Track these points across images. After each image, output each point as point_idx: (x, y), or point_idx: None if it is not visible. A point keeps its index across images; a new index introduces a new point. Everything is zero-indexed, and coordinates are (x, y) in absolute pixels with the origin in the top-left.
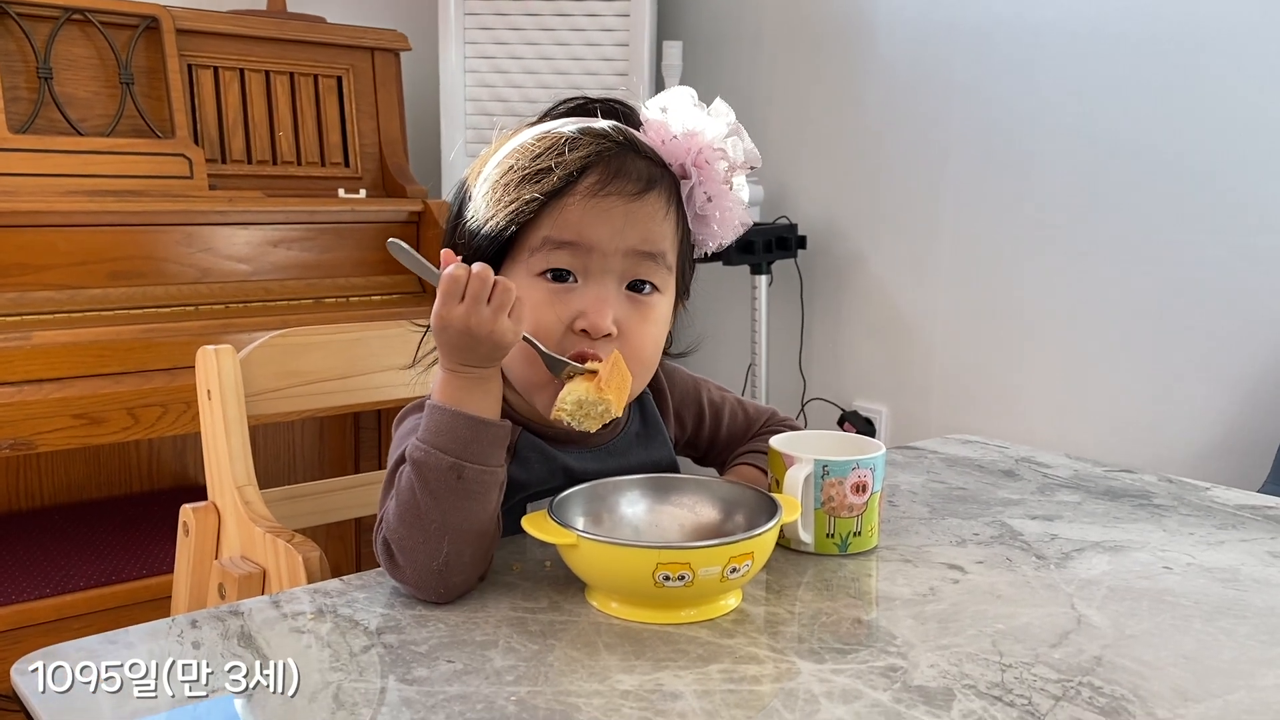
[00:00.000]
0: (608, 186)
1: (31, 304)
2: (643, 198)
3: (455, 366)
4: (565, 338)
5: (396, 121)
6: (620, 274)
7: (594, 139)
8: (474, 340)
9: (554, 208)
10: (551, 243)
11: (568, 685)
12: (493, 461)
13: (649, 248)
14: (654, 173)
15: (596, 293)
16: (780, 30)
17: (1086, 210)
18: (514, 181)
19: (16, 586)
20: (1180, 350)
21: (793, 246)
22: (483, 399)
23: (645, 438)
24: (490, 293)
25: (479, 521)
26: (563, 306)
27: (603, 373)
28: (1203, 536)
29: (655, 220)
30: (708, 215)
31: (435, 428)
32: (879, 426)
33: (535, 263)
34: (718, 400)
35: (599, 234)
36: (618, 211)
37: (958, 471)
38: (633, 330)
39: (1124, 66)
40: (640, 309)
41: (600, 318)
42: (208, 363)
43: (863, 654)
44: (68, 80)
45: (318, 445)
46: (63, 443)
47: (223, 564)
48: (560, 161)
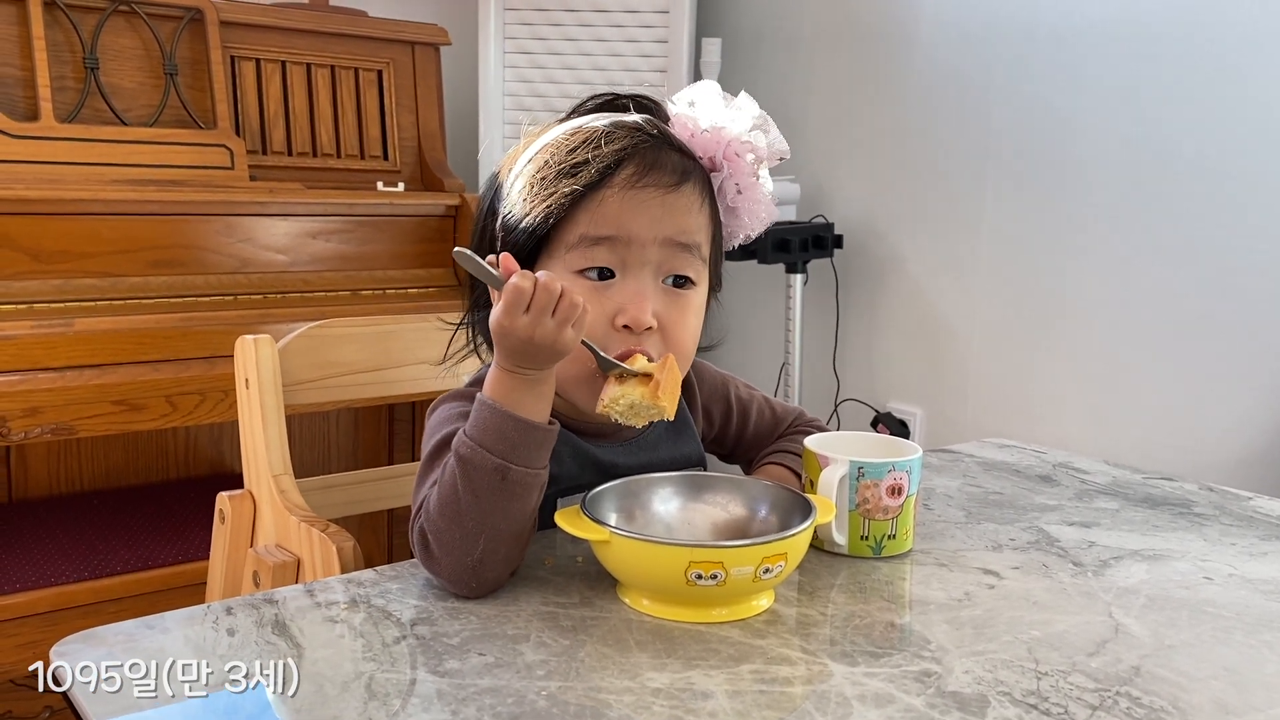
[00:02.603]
0: (644, 179)
1: (74, 291)
2: (678, 189)
3: (511, 367)
4: (608, 335)
5: (435, 115)
6: (657, 266)
7: (629, 132)
8: (535, 348)
9: (591, 202)
10: (589, 239)
11: (598, 681)
12: (538, 464)
13: (685, 239)
14: (687, 165)
15: (635, 287)
16: (820, 28)
17: (1127, 213)
18: (550, 176)
19: (55, 569)
20: (1221, 356)
21: (829, 246)
22: (535, 401)
23: (674, 432)
24: (556, 305)
25: (517, 521)
26: (603, 303)
27: (658, 377)
28: (1245, 547)
29: (691, 212)
30: (738, 207)
31: (484, 425)
32: (913, 429)
33: (573, 259)
34: (745, 398)
35: (637, 226)
36: (654, 203)
37: (994, 476)
38: (672, 323)
39: (1168, 67)
40: (678, 302)
41: (641, 312)
42: (246, 352)
43: (896, 658)
44: (113, 70)
45: (352, 435)
46: (102, 429)
47: (258, 552)
48: (597, 155)
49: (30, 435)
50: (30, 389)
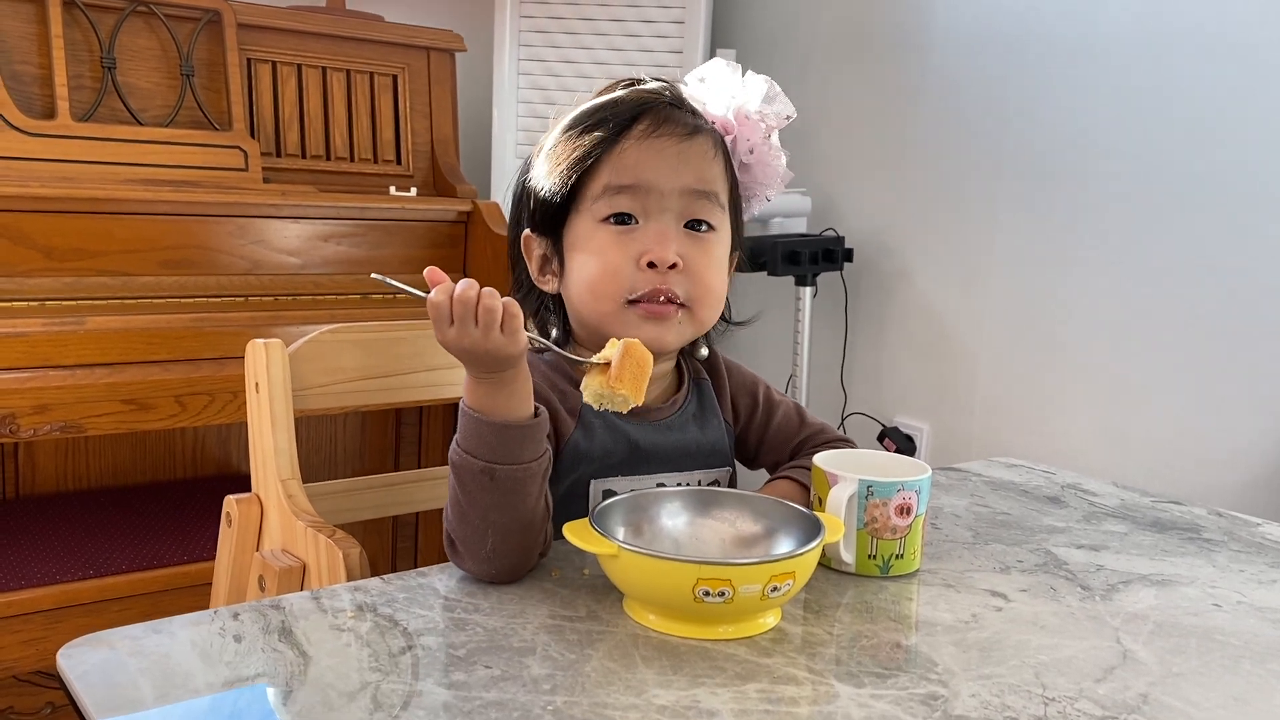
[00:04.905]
0: (660, 129)
1: (87, 289)
2: (693, 139)
3: (476, 374)
4: (635, 276)
5: (449, 121)
6: (679, 213)
7: (644, 93)
8: (474, 356)
9: (611, 154)
10: (612, 188)
11: (604, 697)
12: (525, 458)
13: (703, 186)
14: (700, 121)
15: (657, 229)
16: (834, 41)
17: (1138, 232)
18: (572, 136)
19: (61, 567)
20: (1232, 377)
21: (839, 259)
22: (509, 399)
23: (700, 419)
24: (475, 312)
25: (520, 513)
26: (628, 246)
27: (614, 366)
28: (1253, 574)
29: (706, 159)
30: (751, 165)
31: (465, 431)
32: (920, 444)
33: (598, 209)
34: (775, 399)
35: (656, 173)
36: (671, 151)
37: (1002, 496)
38: (695, 262)
39: (1182, 83)
40: (700, 244)
41: (664, 250)
42: (257, 356)
43: (902, 679)
44: (130, 70)
45: (359, 439)
46: (111, 427)
47: (264, 556)
48: (614, 111)
49: (39, 433)
50: (40, 386)
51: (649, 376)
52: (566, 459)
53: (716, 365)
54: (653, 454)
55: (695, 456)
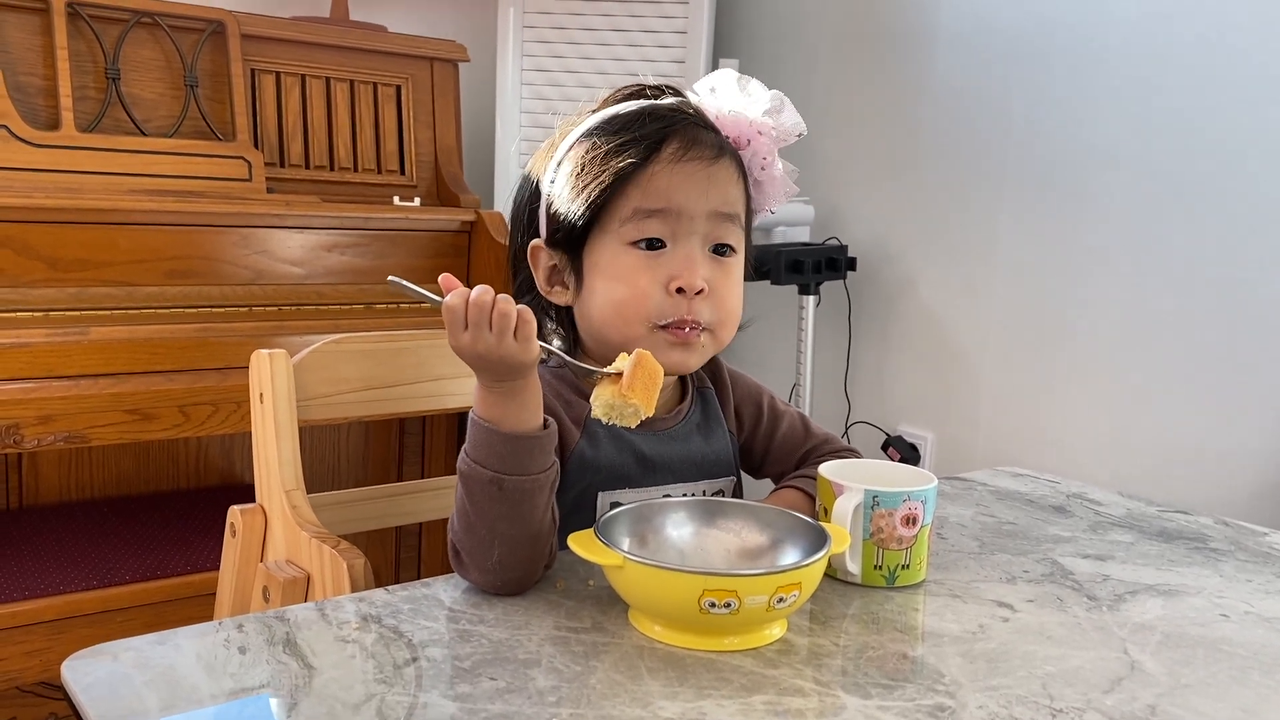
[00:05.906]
0: (689, 153)
1: (91, 299)
2: (719, 161)
3: (488, 383)
4: (664, 302)
5: (453, 131)
6: (704, 236)
7: (667, 112)
8: (487, 363)
9: (641, 176)
10: (642, 212)
11: (610, 710)
12: (534, 469)
13: (729, 209)
14: (721, 141)
15: (685, 254)
16: (837, 50)
17: (1143, 239)
18: (599, 156)
19: (65, 577)
20: (1238, 386)
21: (842, 268)
22: (519, 410)
23: (705, 429)
24: (490, 318)
25: (527, 525)
26: (656, 270)
27: (625, 376)
28: (1261, 584)
29: (731, 183)
30: (763, 181)
31: (474, 441)
32: (924, 453)
33: (627, 232)
34: (780, 409)
35: (686, 198)
36: (700, 175)
37: (1008, 505)
38: (720, 286)
39: (1187, 92)
40: (724, 269)
41: (693, 276)
42: (261, 366)
43: (909, 690)
44: (134, 81)
45: (362, 448)
46: (115, 437)
47: (268, 567)
48: (642, 133)
49: (43, 443)
50: (45, 396)
51: (660, 388)
52: (572, 470)
53: (720, 375)
54: (658, 464)
55: (700, 466)
